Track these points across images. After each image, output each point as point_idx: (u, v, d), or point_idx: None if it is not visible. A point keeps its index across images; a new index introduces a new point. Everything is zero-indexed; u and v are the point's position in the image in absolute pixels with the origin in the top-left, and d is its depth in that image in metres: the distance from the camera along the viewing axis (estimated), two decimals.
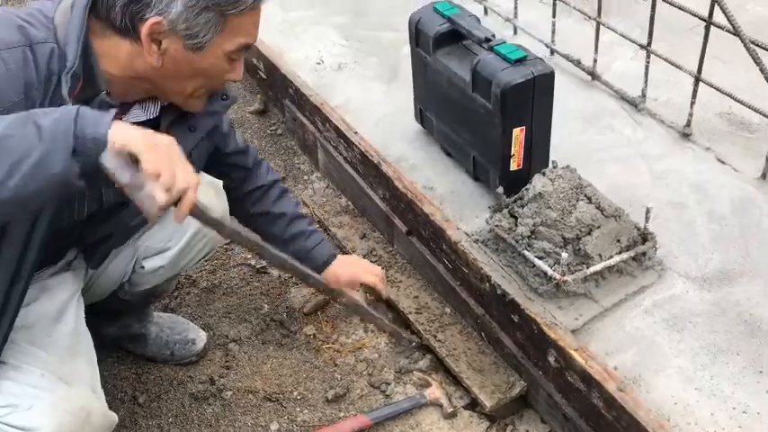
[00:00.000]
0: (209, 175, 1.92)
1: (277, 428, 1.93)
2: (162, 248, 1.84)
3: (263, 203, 2.00)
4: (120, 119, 1.52)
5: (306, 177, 2.77)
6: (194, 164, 1.72)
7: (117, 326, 2.06)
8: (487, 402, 1.88)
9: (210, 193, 1.85)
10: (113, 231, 1.69)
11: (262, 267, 2.39)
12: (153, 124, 1.60)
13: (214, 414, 1.98)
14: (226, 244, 2.44)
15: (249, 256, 2.44)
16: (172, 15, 1.35)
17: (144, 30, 1.35)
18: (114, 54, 1.40)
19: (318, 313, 2.24)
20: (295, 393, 2.02)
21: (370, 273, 2.09)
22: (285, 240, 2.00)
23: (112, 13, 1.35)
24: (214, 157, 1.87)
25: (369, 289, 2.12)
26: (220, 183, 1.91)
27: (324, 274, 2.04)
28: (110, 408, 1.98)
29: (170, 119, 1.61)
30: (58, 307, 1.61)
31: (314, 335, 2.18)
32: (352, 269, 2.07)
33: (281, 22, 3.10)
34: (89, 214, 1.58)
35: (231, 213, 2.11)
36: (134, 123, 1.55)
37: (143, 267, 1.84)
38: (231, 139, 1.92)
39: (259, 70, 3.03)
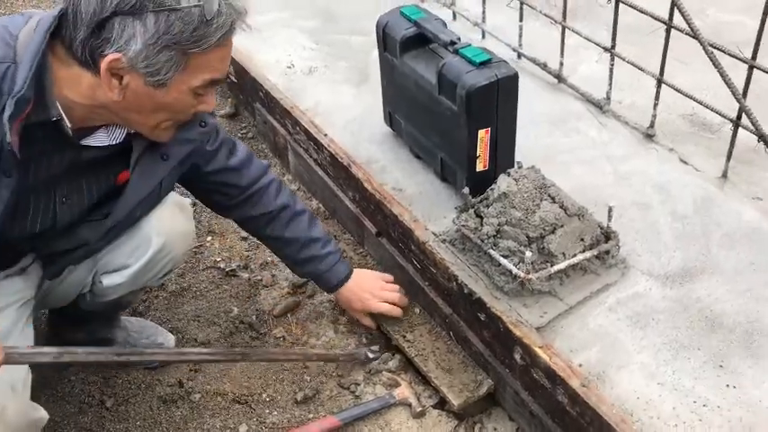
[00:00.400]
0: (196, 190, 1.91)
1: (246, 430, 1.93)
2: (122, 265, 1.78)
3: (275, 228, 1.99)
4: (81, 144, 1.50)
5: None
6: (162, 190, 1.71)
7: (84, 331, 2.04)
8: (455, 401, 1.90)
9: (175, 212, 1.82)
10: (73, 247, 1.67)
11: (231, 270, 2.39)
12: (124, 148, 1.57)
13: (182, 417, 1.97)
14: (195, 247, 2.44)
15: (219, 259, 2.44)
16: (131, 53, 1.32)
17: (103, 65, 1.33)
18: (76, 82, 1.38)
19: (288, 315, 2.25)
20: (264, 395, 2.02)
21: (382, 297, 2.08)
22: (300, 262, 2.04)
23: (74, 44, 1.34)
24: (195, 174, 1.82)
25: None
26: (187, 202, 1.89)
27: (337, 296, 2.10)
28: (77, 413, 1.98)
29: (142, 146, 1.58)
30: None
31: (283, 337, 2.18)
32: (363, 301, 2.07)
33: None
34: (42, 230, 1.56)
35: (245, 230, 2.14)
36: (98, 147, 1.53)
37: (101, 282, 1.80)
38: (220, 156, 1.85)
39: (230, 74, 3.03)
